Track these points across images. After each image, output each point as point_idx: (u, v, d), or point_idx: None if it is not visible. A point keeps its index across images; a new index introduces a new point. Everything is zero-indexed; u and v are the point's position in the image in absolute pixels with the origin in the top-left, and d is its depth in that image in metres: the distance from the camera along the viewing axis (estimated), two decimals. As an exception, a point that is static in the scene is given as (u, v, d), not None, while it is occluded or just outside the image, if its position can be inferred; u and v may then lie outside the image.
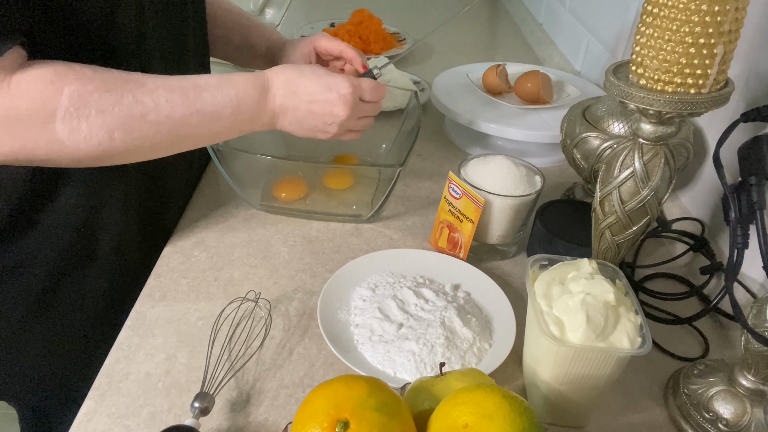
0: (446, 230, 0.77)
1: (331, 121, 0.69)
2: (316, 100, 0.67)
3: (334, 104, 0.68)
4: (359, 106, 0.70)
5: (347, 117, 0.68)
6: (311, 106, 0.67)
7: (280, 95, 0.67)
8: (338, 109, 0.68)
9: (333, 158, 0.93)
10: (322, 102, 0.67)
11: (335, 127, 0.69)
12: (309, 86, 0.67)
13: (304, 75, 0.68)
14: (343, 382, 0.45)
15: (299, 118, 0.68)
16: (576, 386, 0.53)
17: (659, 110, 0.52)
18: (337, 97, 0.68)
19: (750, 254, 0.61)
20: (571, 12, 1.36)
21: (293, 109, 0.67)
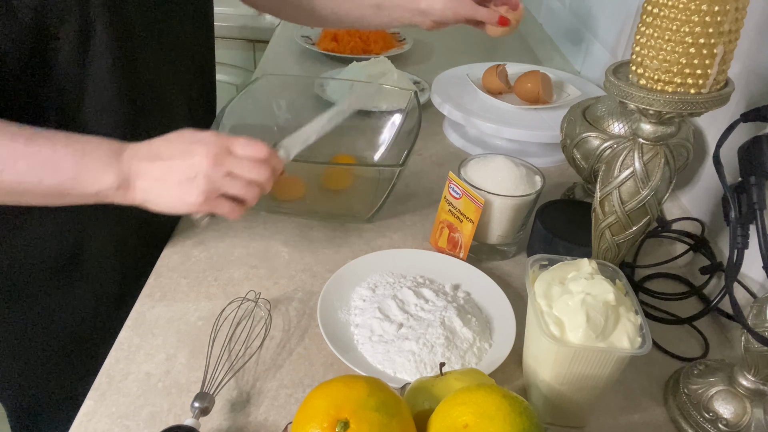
0: (446, 230, 0.77)
1: (193, 173, 0.59)
2: (176, 151, 0.60)
3: (195, 153, 0.59)
4: (227, 159, 0.59)
5: (210, 167, 0.59)
6: (171, 161, 0.59)
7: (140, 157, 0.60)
8: (199, 157, 0.59)
9: (332, 159, 0.93)
10: (183, 153, 0.60)
11: (201, 181, 0.59)
12: (170, 145, 0.61)
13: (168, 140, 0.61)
14: (343, 382, 0.45)
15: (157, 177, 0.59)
16: (576, 386, 0.53)
17: (659, 110, 0.52)
18: (199, 146, 0.60)
19: (750, 254, 0.60)
20: (571, 12, 1.36)
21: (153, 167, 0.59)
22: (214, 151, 0.59)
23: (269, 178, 0.62)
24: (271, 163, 0.62)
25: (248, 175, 0.60)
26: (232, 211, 0.61)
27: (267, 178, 0.61)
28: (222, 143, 0.60)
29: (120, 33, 0.62)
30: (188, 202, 0.60)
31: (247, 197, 0.61)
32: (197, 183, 0.59)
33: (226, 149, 0.60)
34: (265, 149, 0.62)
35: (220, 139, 0.61)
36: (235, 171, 0.60)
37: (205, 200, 0.60)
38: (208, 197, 0.60)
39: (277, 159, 0.64)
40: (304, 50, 1.43)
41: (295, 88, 0.99)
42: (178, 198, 0.60)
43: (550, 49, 1.43)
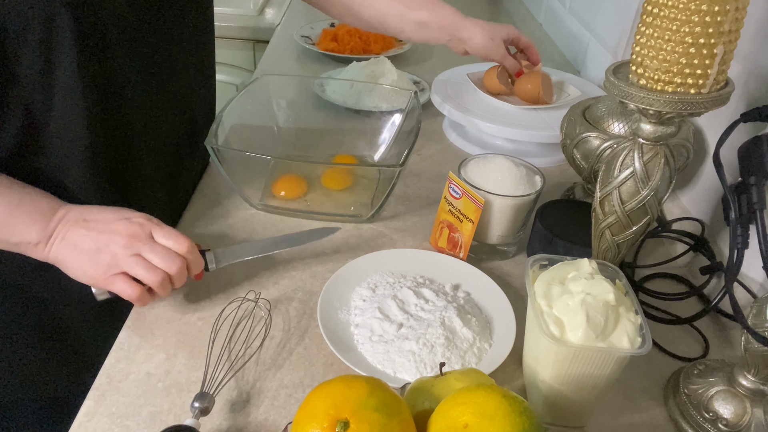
0: (446, 230, 0.77)
1: (102, 245, 0.60)
2: (101, 221, 0.61)
3: (117, 225, 0.61)
4: (141, 242, 0.60)
5: (120, 244, 0.60)
6: (94, 226, 0.61)
7: (68, 219, 0.61)
8: (119, 228, 0.60)
9: (332, 159, 0.93)
10: (106, 222, 0.61)
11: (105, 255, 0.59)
12: (103, 213, 0.62)
13: (103, 210, 0.63)
14: (343, 382, 0.45)
15: (74, 240, 0.60)
16: (576, 386, 0.53)
17: (659, 110, 0.52)
18: (122, 219, 0.61)
19: (750, 254, 0.61)
20: (571, 12, 1.36)
21: (74, 230, 0.61)
22: (133, 231, 0.61)
23: (179, 272, 0.61)
24: (189, 259, 0.63)
25: (156, 260, 0.60)
26: (132, 293, 0.60)
27: (176, 270, 0.61)
28: (146, 227, 0.61)
29: (89, 40, 0.61)
30: (89, 273, 0.60)
31: (150, 282, 0.60)
32: (102, 256, 0.60)
33: (148, 234, 0.61)
34: (186, 244, 0.62)
35: (147, 224, 0.62)
36: (144, 254, 0.60)
37: (103, 274, 0.60)
38: (107, 272, 0.60)
39: (198, 257, 0.64)
40: (304, 50, 1.43)
41: (295, 88, 1.00)
42: (82, 266, 0.61)
43: (550, 49, 1.43)
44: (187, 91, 0.79)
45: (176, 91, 0.77)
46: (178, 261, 0.61)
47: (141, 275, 0.60)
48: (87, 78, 0.62)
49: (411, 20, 0.92)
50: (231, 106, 0.83)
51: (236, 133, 0.84)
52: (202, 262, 0.65)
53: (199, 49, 0.81)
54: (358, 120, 1.00)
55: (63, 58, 0.60)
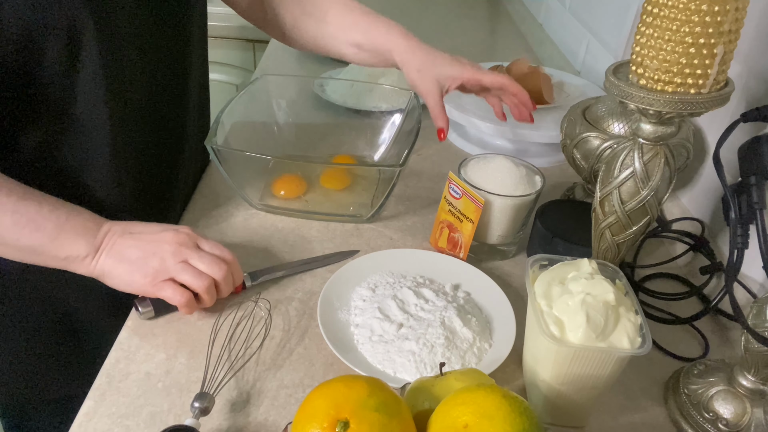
0: (446, 230, 0.77)
1: (151, 253, 0.62)
2: (147, 232, 0.64)
3: (164, 234, 0.63)
4: (189, 251, 0.63)
5: (169, 251, 0.62)
6: (141, 236, 0.63)
7: (114, 232, 0.63)
8: (167, 237, 0.63)
9: (332, 159, 0.93)
10: (152, 233, 0.64)
11: (155, 261, 0.62)
12: (148, 226, 0.65)
13: (147, 224, 0.65)
14: (343, 382, 0.45)
15: (121, 250, 0.62)
16: (576, 386, 0.53)
17: (659, 110, 0.52)
18: (169, 233, 0.64)
19: (750, 254, 0.61)
20: (571, 12, 1.36)
21: (121, 241, 0.62)
22: (181, 239, 0.63)
23: (224, 278, 0.63)
24: (231, 268, 0.65)
25: (203, 267, 0.63)
26: (181, 298, 0.62)
27: (221, 276, 0.63)
28: (192, 237, 0.64)
29: (108, 44, 0.62)
30: (137, 281, 0.62)
31: (198, 288, 0.62)
32: (151, 263, 0.61)
33: (194, 243, 0.64)
34: (230, 255, 0.65)
35: (193, 234, 0.64)
36: (192, 261, 0.62)
37: (152, 281, 0.61)
38: (156, 278, 0.61)
39: (238, 268, 0.66)
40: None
41: (295, 88, 1.00)
42: (129, 275, 0.62)
43: (550, 49, 1.43)
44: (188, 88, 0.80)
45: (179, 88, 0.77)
46: (224, 268, 0.64)
47: (189, 281, 0.62)
48: (109, 77, 0.63)
49: (346, 42, 0.82)
50: (231, 106, 0.83)
51: (236, 133, 0.84)
52: (242, 274, 0.68)
53: (201, 46, 0.81)
54: (358, 120, 1.00)
55: (86, 60, 0.61)
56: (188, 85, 0.79)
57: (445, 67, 0.79)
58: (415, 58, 0.78)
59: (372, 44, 0.80)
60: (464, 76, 0.79)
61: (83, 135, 0.65)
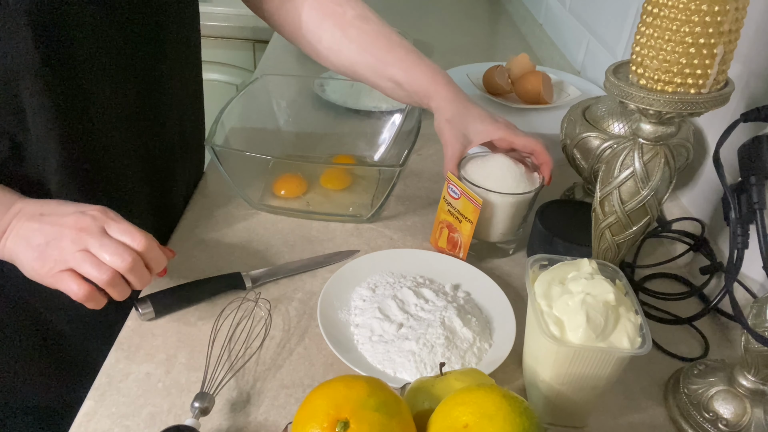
0: (446, 230, 0.77)
1: (51, 239, 0.56)
2: (55, 214, 0.57)
3: (68, 218, 0.56)
4: (92, 237, 0.56)
5: (68, 237, 0.55)
6: (47, 219, 0.57)
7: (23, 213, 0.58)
8: (70, 221, 0.56)
9: (332, 159, 0.93)
10: (59, 215, 0.57)
11: (53, 250, 0.55)
12: (60, 207, 0.58)
13: (61, 203, 0.59)
14: (343, 382, 0.45)
15: (26, 234, 0.57)
16: (576, 386, 0.53)
17: (659, 110, 0.52)
18: (76, 212, 0.57)
19: (750, 254, 0.61)
20: (571, 12, 1.36)
21: (27, 225, 0.57)
22: (84, 224, 0.56)
23: (129, 269, 0.56)
24: (146, 256, 0.58)
25: (105, 257, 0.55)
26: (79, 291, 0.55)
27: (125, 267, 0.56)
28: (99, 221, 0.57)
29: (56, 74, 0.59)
30: (36, 270, 0.56)
31: (98, 280, 0.55)
32: (50, 251, 0.56)
33: (100, 228, 0.56)
34: (142, 241, 0.57)
35: (102, 217, 0.57)
36: (92, 250, 0.55)
37: (50, 271, 0.55)
38: (54, 268, 0.55)
39: (158, 254, 0.59)
40: (304, 50, 1.43)
41: (295, 88, 1.00)
42: (30, 262, 0.57)
43: (550, 49, 1.43)
44: (173, 103, 0.77)
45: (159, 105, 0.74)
46: (129, 258, 0.56)
47: (88, 272, 0.55)
48: (56, 97, 0.60)
49: (384, 77, 0.78)
50: (231, 106, 0.83)
51: (236, 133, 0.84)
52: (164, 259, 0.60)
53: (184, 64, 0.78)
54: (358, 120, 1.00)
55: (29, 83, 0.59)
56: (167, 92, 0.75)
57: (476, 123, 0.76)
58: (450, 108, 0.75)
59: (412, 86, 0.77)
60: (495, 135, 0.76)
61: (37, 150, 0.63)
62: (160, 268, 0.60)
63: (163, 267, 0.61)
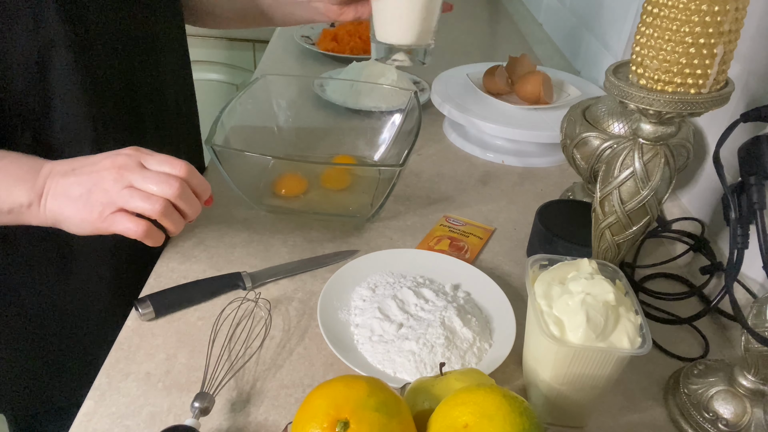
0: (446, 240, 0.77)
1: (91, 185, 0.54)
2: (88, 164, 0.56)
3: (104, 162, 0.55)
4: (132, 173, 0.54)
5: (109, 179, 0.54)
6: (81, 171, 0.56)
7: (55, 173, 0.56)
8: (106, 164, 0.55)
9: (332, 159, 0.93)
10: (92, 164, 0.56)
11: (97, 194, 0.54)
12: (90, 158, 0.57)
13: (89, 156, 0.58)
14: (343, 382, 0.45)
15: (64, 190, 0.55)
16: (576, 386, 0.53)
17: (659, 110, 0.52)
18: (108, 159, 0.56)
19: (750, 254, 0.60)
20: (571, 12, 1.36)
21: (62, 181, 0.56)
22: (121, 162, 0.55)
23: (179, 195, 0.55)
24: (191, 182, 0.57)
25: (152, 187, 0.54)
26: (138, 229, 0.54)
27: (175, 194, 0.55)
28: (135, 157, 0.56)
29: (82, 47, 0.62)
30: (86, 220, 0.55)
31: (151, 212, 0.54)
32: (94, 197, 0.54)
33: (137, 163, 0.55)
34: (183, 167, 0.56)
35: (136, 153, 0.56)
36: (137, 184, 0.54)
37: (100, 216, 0.54)
38: (104, 212, 0.54)
39: (201, 180, 0.58)
40: (304, 50, 1.43)
41: (295, 88, 0.99)
42: (78, 215, 0.55)
43: (550, 49, 1.43)
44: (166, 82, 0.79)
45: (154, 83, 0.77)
46: (176, 183, 0.55)
47: (139, 207, 0.54)
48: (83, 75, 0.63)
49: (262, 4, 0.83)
50: (231, 106, 0.83)
51: (236, 133, 0.84)
52: (208, 185, 0.59)
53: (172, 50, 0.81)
54: (358, 120, 1.00)
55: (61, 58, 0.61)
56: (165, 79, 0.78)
57: None
58: None
59: None
60: None
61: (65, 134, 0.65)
62: (207, 194, 0.59)
63: (209, 193, 0.59)
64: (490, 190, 0.93)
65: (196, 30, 1.87)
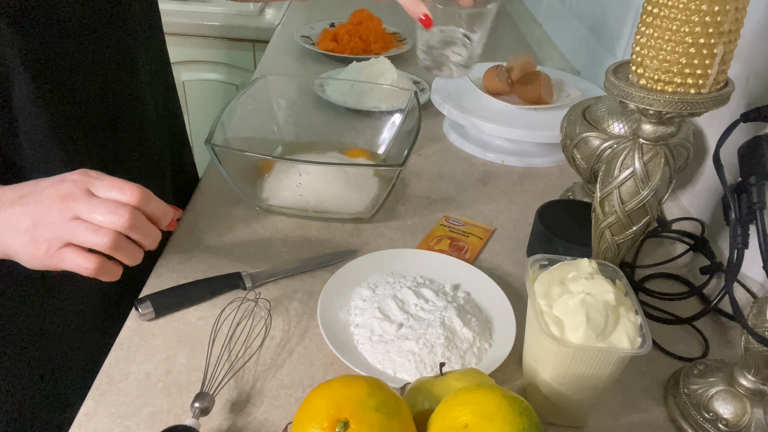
0: (446, 240, 0.77)
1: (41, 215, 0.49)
2: (34, 192, 0.51)
3: (48, 191, 0.50)
4: (78, 202, 0.49)
5: (59, 205, 0.49)
6: (28, 199, 0.50)
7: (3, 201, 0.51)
8: (50, 193, 0.50)
9: (345, 151, 0.93)
10: (38, 192, 0.51)
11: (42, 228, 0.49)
12: (38, 184, 0.52)
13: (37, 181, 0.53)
14: (343, 382, 0.45)
15: (11, 222, 0.50)
16: (576, 386, 0.53)
17: (659, 110, 0.52)
18: (54, 187, 0.51)
19: (750, 254, 0.61)
20: (571, 12, 1.36)
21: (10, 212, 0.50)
22: (65, 191, 0.50)
23: (129, 225, 0.49)
24: (146, 209, 0.51)
25: (98, 218, 0.49)
26: (88, 264, 0.49)
27: (125, 224, 0.49)
28: (82, 183, 0.50)
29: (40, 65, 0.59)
30: (33, 256, 0.50)
31: (99, 245, 0.49)
32: (39, 230, 0.49)
33: (84, 190, 0.50)
34: (135, 193, 0.50)
35: (83, 178, 0.51)
36: (83, 215, 0.49)
37: (47, 252, 0.49)
38: (50, 248, 0.49)
39: (158, 204, 0.52)
40: (304, 50, 1.43)
41: (295, 88, 1.00)
42: (24, 249, 0.50)
43: (550, 49, 1.43)
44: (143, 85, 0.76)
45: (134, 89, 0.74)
46: (125, 213, 0.49)
47: (88, 241, 0.49)
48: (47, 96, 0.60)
49: None
50: (231, 106, 0.83)
51: (236, 133, 0.84)
52: (168, 209, 0.53)
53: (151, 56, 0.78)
54: (358, 120, 1.00)
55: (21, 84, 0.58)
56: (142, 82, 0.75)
57: None
58: None
59: None
60: None
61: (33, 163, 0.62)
62: (166, 220, 0.54)
63: (170, 219, 0.54)
64: (490, 190, 0.93)
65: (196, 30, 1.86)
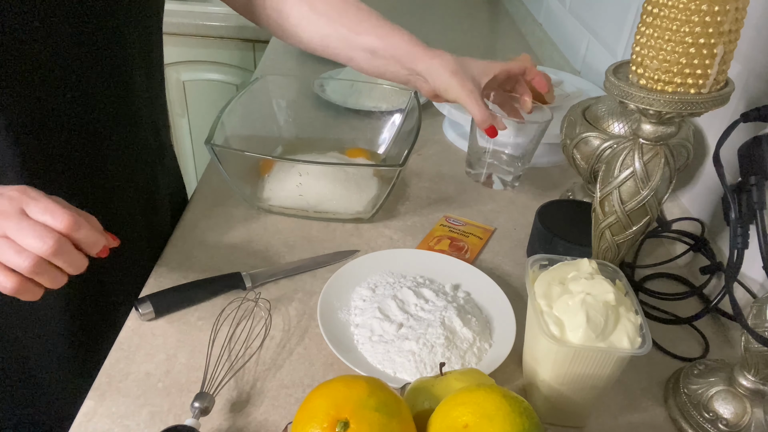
0: (446, 240, 0.77)
1: None
2: None
3: None
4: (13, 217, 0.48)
5: None
6: None
7: None
8: None
9: (345, 151, 0.93)
10: None
11: None
12: None
13: None
14: (343, 382, 0.45)
15: None
16: (576, 386, 0.53)
17: (659, 110, 0.52)
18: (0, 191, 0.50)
19: (750, 254, 0.61)
20: (571, 12, 1.36)
21: None
22: (0, 208, 0.49)
23: (52, 252, 0.48)
24: (74, 236, 0.50)
25: (24, 240, 0.48)
26: (8, 284, 0.48)
27: (48, 251, 0.48)
28: (18, 202, 0.49)
29: None
30: None
31: (19, 267, 0.48)
32: None
33: (18, 210, 0.49)
34: (65, 219, 0.49)
35: (21, 197, 0.49)
36: (11, 234, 0.48)
37: None
38: None
39: (90, 232, 0.51)
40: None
41: (295, 88, 1.00)
42: None
43: (550, 49, 1.43)
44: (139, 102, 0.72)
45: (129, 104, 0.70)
46: (50, 240, 0.48)
47: (9, 261, 0.48)
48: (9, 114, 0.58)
49: (358, 47, 0.77)
50: (231, 106, 0.83)
51: (236, 133, 0.84)
52: (99, 238, 0.52)
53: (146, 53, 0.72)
54: (358, 120, 1.00)
55: None
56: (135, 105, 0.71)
57: (476, 65, 0.78)
58: (447, 63, 0.75)
59: (390, 51, 0.76)
60: (495, 69, 0.79)
61: None
62: (96, 248, 0.52)
63: (101, 247, 0.52)
64: (489, 190, 0.93)
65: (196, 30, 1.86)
